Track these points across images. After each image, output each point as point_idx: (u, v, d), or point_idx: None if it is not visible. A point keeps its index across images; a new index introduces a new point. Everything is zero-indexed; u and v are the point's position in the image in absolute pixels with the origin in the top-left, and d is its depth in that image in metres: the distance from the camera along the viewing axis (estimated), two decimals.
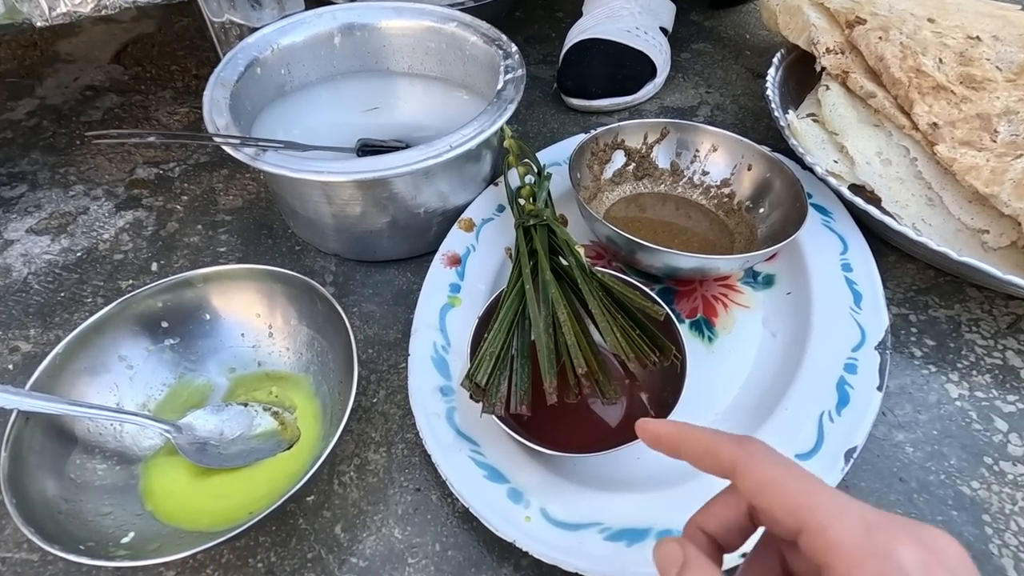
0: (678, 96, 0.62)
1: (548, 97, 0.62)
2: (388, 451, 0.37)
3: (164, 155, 0.57)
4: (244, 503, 0.33)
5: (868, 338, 0.37)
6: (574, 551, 0.29)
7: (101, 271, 0.47)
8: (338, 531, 0.34)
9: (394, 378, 0.40)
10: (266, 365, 0.40)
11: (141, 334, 0.38)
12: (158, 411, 0.37)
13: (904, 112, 0.49)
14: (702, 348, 0.40)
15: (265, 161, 0.39)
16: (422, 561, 0.32)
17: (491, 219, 0.46)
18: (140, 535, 0.31)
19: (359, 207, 0.42)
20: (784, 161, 0.45)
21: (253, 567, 0.32)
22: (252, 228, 0.50)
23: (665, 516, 0.31)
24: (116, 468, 0.35)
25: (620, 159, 0.49)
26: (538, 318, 0.33)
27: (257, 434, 0.37)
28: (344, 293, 0.45)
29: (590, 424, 0.36)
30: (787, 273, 0.43)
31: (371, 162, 0.39)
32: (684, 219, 0.48)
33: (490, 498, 0.31)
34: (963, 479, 0.34)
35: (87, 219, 0.51)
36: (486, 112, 0.42)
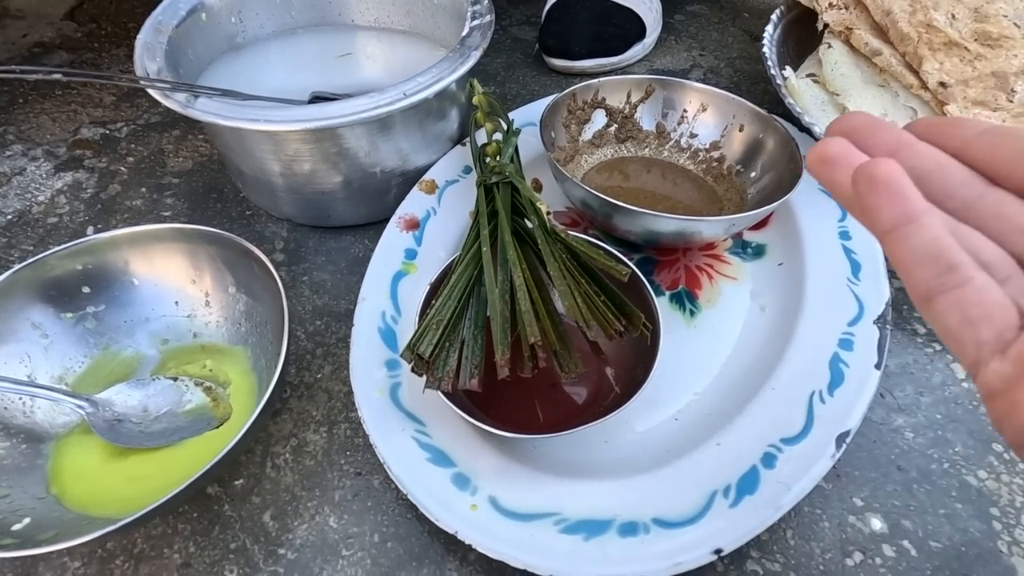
0: (669, 59, 0.58)
1: (529, 59, 0.58)
2: (329, 431, 0.33)
3: (112, 115, 0.53)
4: (161, 486, 0.29)
5: (866, 311, 0.33)
6: (524, 545, 0.26)
7: (32, 235, 0.43)
8: (267, 519, 0.30)
9: (342, 352, 0.36)
10: (202, 336, 0.36)
11: (58, 299, 0.34)
12: (77, 385, 0.34)
13: (912, 70, 0.45)
14: (683, 322, 0.36)
15: (198, 108, 0.35)
16: (357, 553, 0.29)
17: (456, 181, 0.42)
18: (36, 522, 0.28)
19: (308, 164, 0.38)
20: (779, 120, 0.41)
21: (168, 558, 0.29)
22: (201, 192, 0.46)
23: (631, 506, 0.27)
24: (22, 447, 0.31)
25: (601, 119, 0.45)
26: (494, 283, 0.30)
27: (186, 411, 0.34)
28: (295, 260, 0.41)
29: (553, 403, 0.32)
30: (779, 242, 0.39)
31: (317, 110, 0.35)
32: (669, 186, 0.44)
33: (431, 483, 0.28)
34: (969, 468, 0.31)
35: (22, 180, 0.47)
36: (447, 59, 0.38)
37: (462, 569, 0.28)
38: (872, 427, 0.32)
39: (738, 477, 0.28)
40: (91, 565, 0.29)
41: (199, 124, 0.51)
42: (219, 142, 0.41)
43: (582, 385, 0.32)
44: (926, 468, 0.31)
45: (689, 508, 0.27)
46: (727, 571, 0.28)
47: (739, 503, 0.27)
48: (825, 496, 0.30)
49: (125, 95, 0.54)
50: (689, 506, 0.27)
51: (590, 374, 0.32)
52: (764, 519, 0.26)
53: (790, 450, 0.28)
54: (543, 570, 0.25)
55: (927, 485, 0.30)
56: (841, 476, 0.30)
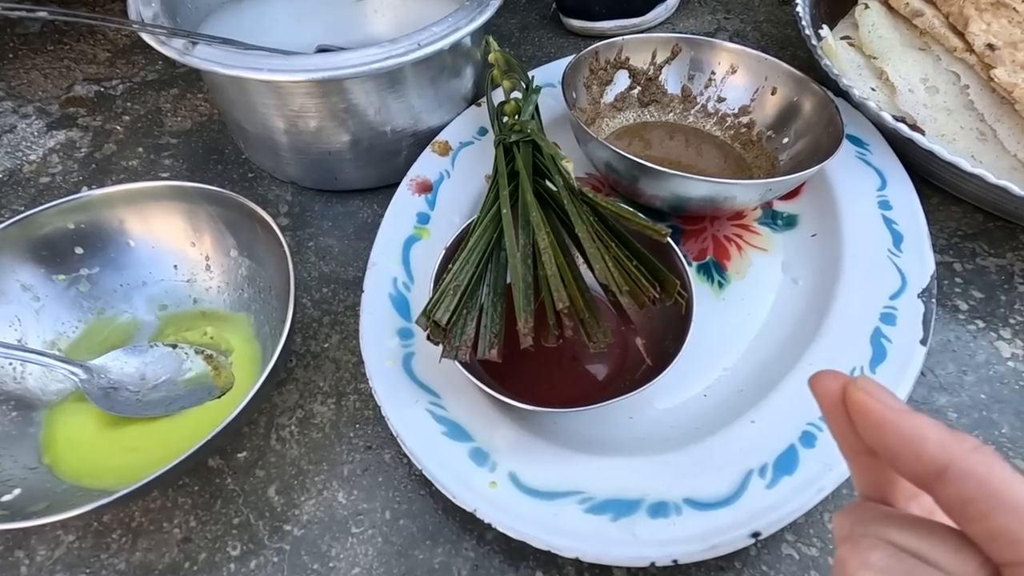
0: (692, 21, 0.55)
1: (545, 19, 0.55)
2: (338, 403, 0.31)
3: (107, 71, 0.50)
4: (159, 457, 0.27)
5: (910, 284, 0.31)
6: (547, 525, 0.24)
7: (23, 195, 0.41)
8: (272, 493, 0.28)
9: (350, 321, 0.34)
10: (202, 302, 0.34)
11: (49, 260, 0.32)
12: (71, 351, 0.32)
13: (956, 32, 0.42)
14: (710, 294, 0.34)
15: (196, 56, 0.32)
16: (368, 531, 0.27)
17: (470, 143, 0.39)
18: (28, 492, 0.26)
19: (314, 121, 0.36)
20: (815, 82, 0.38)
21: (168, 532, 0.27)
22: (200, 152, 0.44)
23: (660, 485, 0.26)
24: (12, 414, 0.29)
25: (624, 81, 0.43)
26: (515, 246, 0.27)
27: (186, 379, 0.32)
28: (300, 225, 0.39)
29: (575, 376, 0.30)
30: (812, 212, 0.37)
31: (324, 59, 0.32)
32: (694, 153, 0.42)
33: (449, 458, 0.26)
34: (1017, 450, 0.29)
35: (13, 138, 0.45)
36: (464, 8, 0.35)
37: (479, 548, 0.26)
38: (913, 406, 0.30)
39: (775, 456, 0.26)
40: (86, 539, 0.27)
41: (198, 83, 0.49)
42: (220, 97, 0.39)
43: (605, 357, 0.30)
44: None
45: (723, 488, 0.25)
46: (760, 555, 0.26)
47: (776, 483, 0.25)
48: None
49: (120, 51, 0.52)
50: (723, 486, 0.25)
51: (614, 346, 0.31)
52: (804, 501, 0.24)
53: None
54: (568, 551, 0.24)
55: None
56: None
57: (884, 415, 0.15)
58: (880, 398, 0.15)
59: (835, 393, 0.16)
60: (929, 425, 0.14)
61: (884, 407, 0.15)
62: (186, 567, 0.26)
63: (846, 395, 0.16)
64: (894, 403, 0.15)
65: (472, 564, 0.26)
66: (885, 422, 0.15)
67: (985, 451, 0.14)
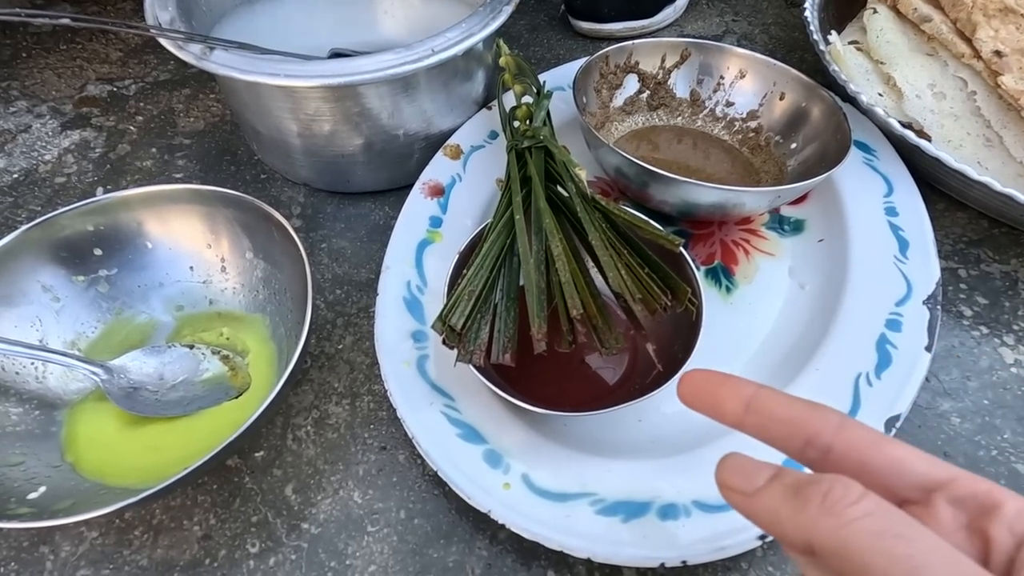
0: (700, 23, 0.55)
1: (554, 21, 0.55)
2: (352, 404, 0.32)
3: (120, 71, 0.50)
4: (180, 456, 0.28)
5: (915, 291, 0.32)
6: (559, 526, 0.25)
7: (39, 195, 0.42)
8: (289, 492, 0.29)
9: (364, 323, 0.35)
10: (218, 303, 0.35)
11: (69, 261, 0.33)
12: (91, 351, 0.33)
13: (964, 38, 0.43)
14: (718, 298, 0.35)
15: (213, 61, 0.33)
16: (383, 530, 0.28)
17: (482, 146, 0.40)
18: (52, 490, 0.27)
19: (328, 124, 0.36)
20: (824, 88, 0.39)
21: (188, 530, 0.28)
22: (214, 153, 0.44)
23: (670, 487, 0.26)
24: (35, 413, 0.30)
25: (633, 85, 0.43)
26: (528, 253, 0.28)
27: (203, 380, 0.32)
28: (313, 227, 0.40)
29: (585, 379, 0.31)
30: (819, 218, 0.38)
31: (339, 65, 0.33)
32: (701, 157, 0.42)
33: (463, 460, 0.27)
34: (1019, 456, 0.29)
35: (28, 138, 0.45)
36: (477, 14, 0.35)
37: (492, 548, 0.27)
38: (917, 411, 0.31)
39: (782, 460, 0.26)
40: (109, 535, 0.28)
41: (210, 83, 0.49)
42: (234, 100, 0.39)
43: (616, 361, 0.31)
44: (973, 455, 0.30)
45: None
46: (766, 556, 0.27)
47: None
48: None
49: (133, 51, 0.52)
50: None
51: (624, 350, 0.31)
52: None
53: None
54: (579, 552, 0.24)
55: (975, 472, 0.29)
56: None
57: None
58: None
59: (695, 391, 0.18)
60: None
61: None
62: (206, 563, 0.27)
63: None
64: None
65: (485, 563, 0.27)
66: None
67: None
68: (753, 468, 0.15)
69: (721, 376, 0.17)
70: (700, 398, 0.18)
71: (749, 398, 0.16)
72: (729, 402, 0.17)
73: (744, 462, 0.16)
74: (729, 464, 0.16)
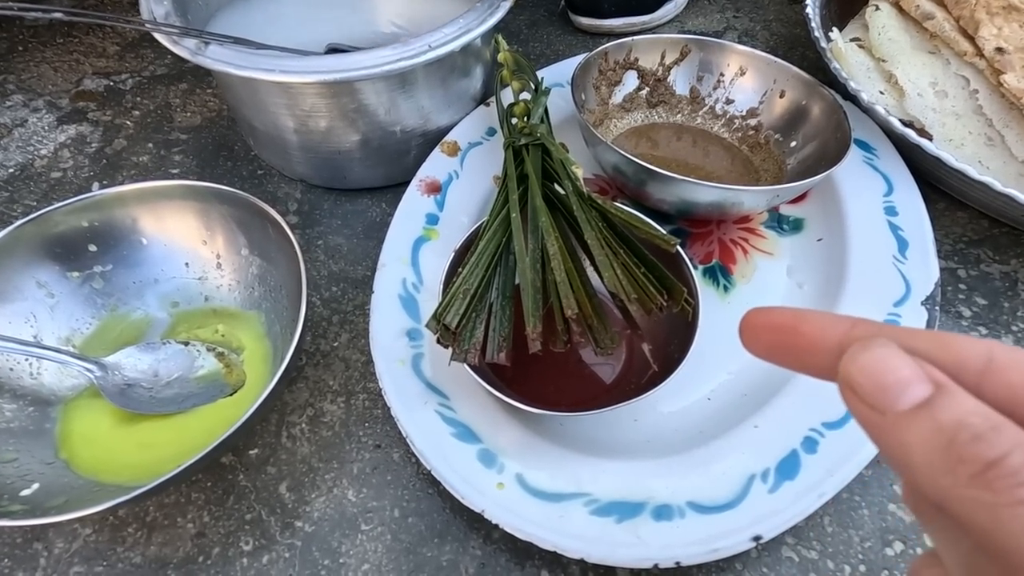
0: (701, 20, 0.55)
1: (554, 16, 0.55)
2: (347, 402, 0.32)
3: (116, 65, 0.50)
4: (174, 454, 0.28)
5: (913, 291, 0.32)
6: (553, 526, 0.25)
7: (35, 190, 0.41)
8: (283, 490, 0.29)
9: (359, 320, 0.35)
10: (213, 300, 0.35)
11: (64, 257, 0.33)
12: (85, 347, 0.33)
13: (967, 36, 0.42)
14: (716, 297, 0.35)
15: (208, 56, 0.32)
16: (377, 528, 0.28)
17: (479, 143, 0.39)
18: (46, 487, 0.27)
19: (324, 120, 0.36)
20: (824, 86, 0.38)
21: (182, 527, 0.28)
22: (210, 148, 0.44)
23: (665, 488, 0.26)
24: (29, 409, 0.30)
25: (632, 81, 0.43)
26: (524, 252, 0.28)
27: (198, 377, 0.32)
28: (309, 223, 0.40)
29: (581, 379, 0.30)
30: (819, 217, 0.37)
31: (336, 61, 0.32)
32: (701, 154, 0.42)
33: (457, 460, 0.26)
34: None
35: (24, 132, 0.45)
36: (475, 10, 0.35)
37: (486, 547, 0.27)
38: None
39: (777, 461, 0.26)
40: (102, 532, 0.28)
41: (207, 78, 0.49)
42: (230, 95, 0.39)
43: (611, 361, 0.31)
44: None
45: (726, 492, 0.26)
46: (760, 557, 0.27)
47: (779, 488, 0.26)
48: (864, 483, 0.28)
49: (129, 45, 0.52)
50: (726, 490, 0.26)
51: (620, 349, 0.31)
52: (806, 506, 0.25)
53: (832, 435, 0.27)
54: (573, 552, 0.24)
55: None
56: (881, 462, 0.29)
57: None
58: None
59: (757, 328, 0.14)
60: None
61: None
62: (200, 561, 0.27)
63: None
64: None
65: (479, 562, 0.27)
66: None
67: None
68: (901, 379, 0.11)
69: (796, 312, 0.13)
70: (774, 344, 0.13)
71: (842, 339, 0.12)
72: (816, 350, 0.13)
73: (890, 358, 0.11)
74: (864, 364, 0.11)
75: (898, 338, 0.12)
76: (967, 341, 0.12)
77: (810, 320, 0.13)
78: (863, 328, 0.12)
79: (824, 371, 0.13)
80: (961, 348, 0.11)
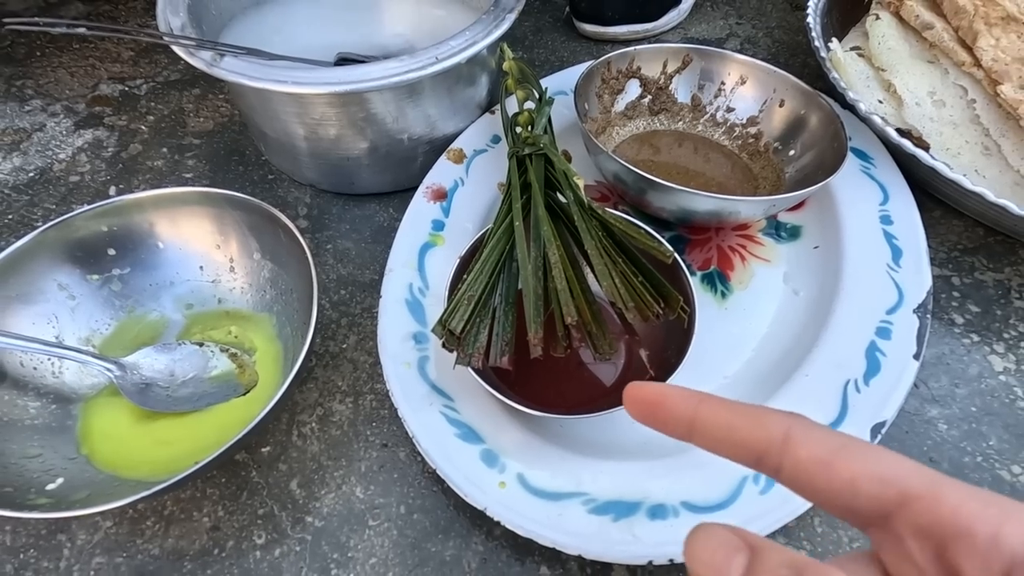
0: (704, 26, 0.56)
1: (558, 23, 0.56)
2: (355, 402, 0.33)
3: (131, 71, 0.51)
4: (190, 451, 0.30)
5: (906, 299, 0.32)
6: (552, 524, 0.26)
7: (54, 193, 0.43)
8: (294, 487, 0.30)
9: (367, 323, 0.36)
10: (226, 302, 0.36)
11: (84, 261, 0.34)
12: (104, 347, 0.34)
13: (965, 47, 0.43)
14: (714, 304, 0.35)
15: (223, 68, 0.34)
16: (384, 524, 0.29)
17: (484, 151, 0.40)
18: (69, 481, 0.28)
19: (334, 128, 0.37)
20: (823, 97, 0.39)
21: (198, 521, 0.29)
22: (222, 153, 0.45)
23: (659, 488, 0.27)
24: (52, 407, 0.31)
25: (635, 90, 0.44)
26: (526, 259, 0.29)
27: (212, 376, 0.34)
28: (318, 228, 0.41)
29: (580, 383, 0.31)
30: (816, 224, 0.38)
31: (345, 72, 0.34)
32: (702, 161, 0.43)
33: (461, 459, 0.28)
34: (1003, 463, 0.30)
35: (43, 137, 0.46)
36: (480, 22, 0.36)
37: (488, 543, 0.28)
38: (905, 417, 0.32)
39: None
40: (123, 525, 0.29)
41: (219, 83, 0.50)
42: (242, 103, 0.40)
43: (611, 365, 0.32)
44: (959, 461, 0.30)
45: (718, 493, 0.27)
46: None
47: (770, 490, 0.27)
48: None
49: (144, 51, 0.53)
50: (718, 491, 0.27)
51: (619, 354, 0.32)
52: (795, 507, 0.26)
53: None
54: (571, 549, 0.25)
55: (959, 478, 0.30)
56: None
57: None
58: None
59: (640, 404, 0.16)
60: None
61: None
62: (215, 553, 0.28)
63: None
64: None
65: (481, 558, 0.28)
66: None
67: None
68: (722, 557, 0.13)
69: (661, 390, 0.16)
70: (644, 414, 0.16)
71: (691, 416, 0.15)
72: (671, 422, 0.15)
73: (711, 543, 0.13)
74: (697, 543, 0.13)
75: (720, 406, 0.15)
76: (768, 416, 0.14)
77: (670, 397, 0.16)
78: (706, 406, 0.15)
79: (681, 437, 0.16)
80: (767, 422, 0.14)
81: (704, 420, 0.15)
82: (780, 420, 0.14)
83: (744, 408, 0.15)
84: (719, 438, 0.15)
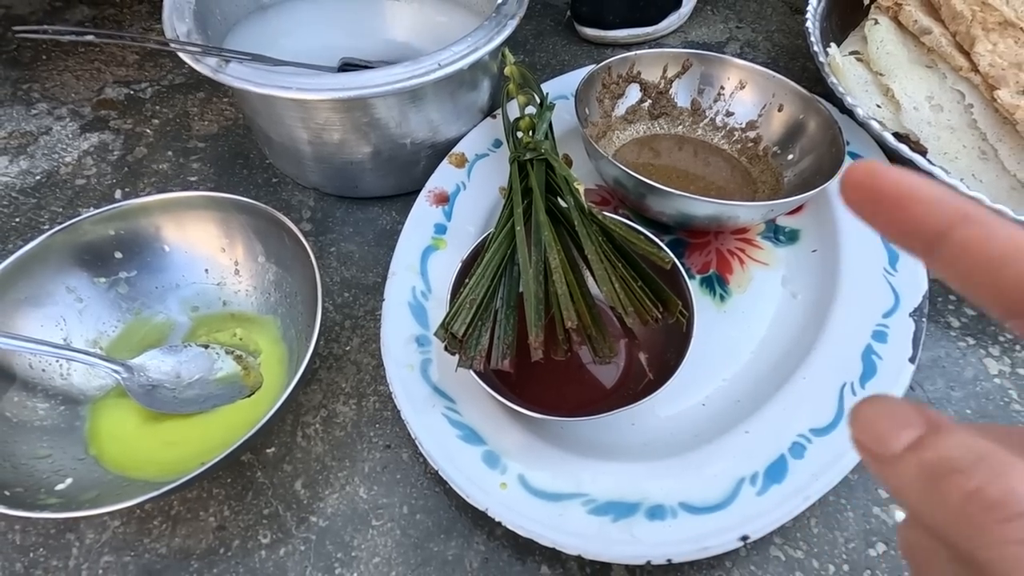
0: (705, 30, 0.56)
1: (560, 26, 0.56)
2: (358, 403, 0.33)
3: (136, 74, 0.52)
4: (196, 452, 0.30)
5: (902, 303, 0.33)
6: (553, 524, 0.26)
7: (61, 196, 0.43)
8: (298, 487, 0.31)
9: (370, 325, 0.37)
10: (231, 305, 0.36)
11: (92, 264, 0.34)
12: (111, 349, 0.34)
13: (963, 51, 0.43)
14: (713, 307, 0.36)
15: (228, 74, 0.34)
16: (387, 524, 0.29)
17: (486, 155, 0.41)
18: (78, 482, 0.28)
19: (337, 133, 0.37)
20: (821, 102, 0.40)
21: (204, 520, 0.30)
22: (227, 157, 0.46)
23: (659, 489, 0.28)
24: (60, 408, 0.32)
25: (635, 94, 0.44)
26: (527, 264, 0.29)
27: (218, 378, 0.34)
28: (322, 231, 0.41)
29: (581, 385, 0.32)
30: (814, 228, 0.39)
31: (349, 79, 0.34)
32: (701, 165, 0.43)
33: (463, 461, 0.28)
34: None
35: (49, 140, 0.47)
36: (482, 28, 0.36)
37: (489, 543, 0.29)
38: None
39: (766, 465, 0.28)
40: (130, 525, 0.30)
41: (224, 87, 0.50)
42: (246, 107, 0.41)
43: (611, 368, 0.32)
44: None
45: (716, 494, 0.27)
46: (749, 556, 0.28)
47: (766, 491, 0.27)
48: (850, 487, 0.30)
49: (148, 54, 0.53)
50: (716, 492, 0.27)
51: (618, 357, 0.32)
52: (791, 508, 0.26)
53: (819, 441, 0.28)
54: (571, 549, 0.26)
55: None
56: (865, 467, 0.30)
57: None
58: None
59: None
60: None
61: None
62: (221, 552, 0.29)
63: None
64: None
65: (483, 557, 0.28)
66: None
67: None
68: (889, 428, 0.12)
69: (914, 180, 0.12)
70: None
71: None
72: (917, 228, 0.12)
73: (880, 416, 0.12)
74: (864, 416, 0.12)
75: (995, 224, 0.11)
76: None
77: (918, 197, 0.12)
78: (970, 220, 0.11)
79: (916, 247, 0.12)
80: None
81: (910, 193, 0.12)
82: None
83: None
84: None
